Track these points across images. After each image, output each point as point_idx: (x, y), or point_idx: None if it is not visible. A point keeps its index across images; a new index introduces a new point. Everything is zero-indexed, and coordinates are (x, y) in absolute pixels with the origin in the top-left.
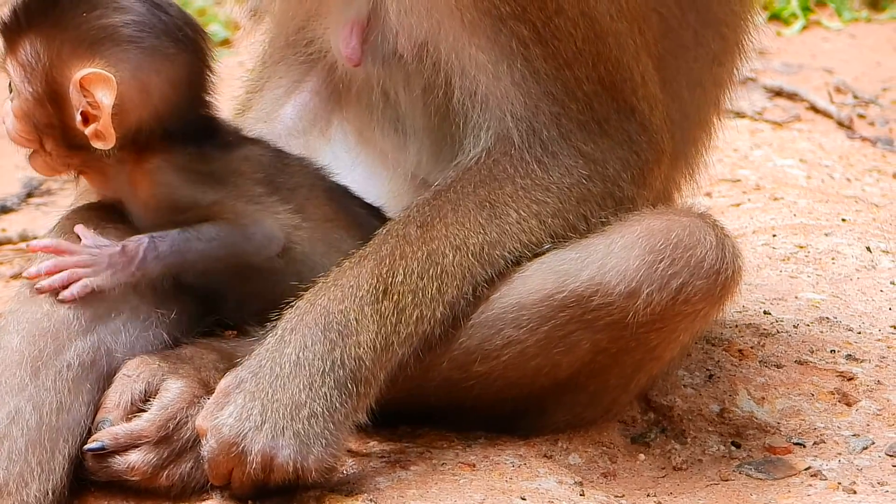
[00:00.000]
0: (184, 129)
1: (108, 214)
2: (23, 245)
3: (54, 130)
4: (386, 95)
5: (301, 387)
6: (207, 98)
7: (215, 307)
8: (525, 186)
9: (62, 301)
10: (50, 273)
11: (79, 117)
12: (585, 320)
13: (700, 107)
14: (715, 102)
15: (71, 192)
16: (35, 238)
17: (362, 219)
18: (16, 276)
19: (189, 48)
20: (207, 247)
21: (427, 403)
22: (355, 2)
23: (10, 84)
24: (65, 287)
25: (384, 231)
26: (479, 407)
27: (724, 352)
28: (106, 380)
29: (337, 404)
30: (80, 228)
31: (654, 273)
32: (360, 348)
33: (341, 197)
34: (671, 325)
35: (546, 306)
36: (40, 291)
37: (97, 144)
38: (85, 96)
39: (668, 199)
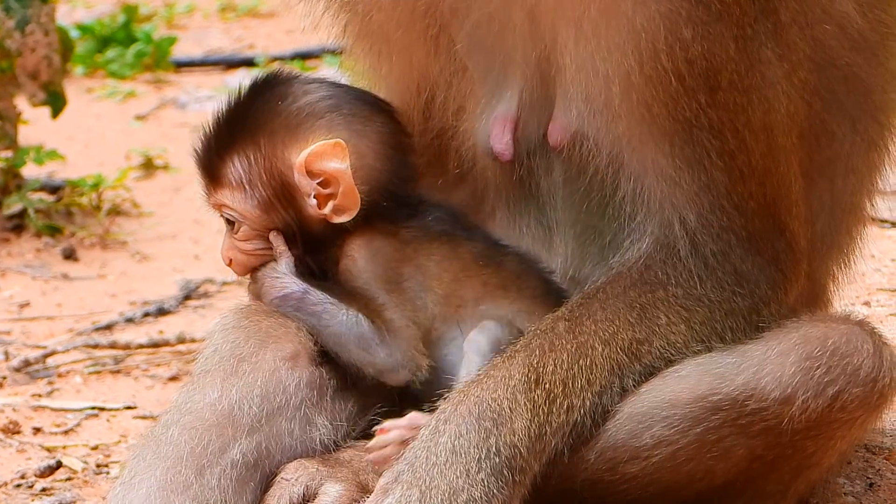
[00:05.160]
0: (398, 200)
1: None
2: (180, 347)
3: (290, 231)
4: (532, 189)
5: (458, 474)
6: (413, 164)
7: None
8: (677, 295)
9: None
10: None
11: (313, 201)
12: (739, 425)
13: (853, 193)
14: (868, 188)
15: (227, 295)
16: (193, 341)
17: None
18: (173, 378)
19: (381, 110)
20: (340, 330)
21: None
22: (505, 97)
23: (225, 219)
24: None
25: (533, 328)
26: None
27: (884, 460)
28: (265, 482)
29: (494, 490)
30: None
31: (809, 380)
32: (514, 436)
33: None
34: (827, 433)
35: (699, 407)
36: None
37: (341, 219)
38: (312, 178)
39: (822, 290)
